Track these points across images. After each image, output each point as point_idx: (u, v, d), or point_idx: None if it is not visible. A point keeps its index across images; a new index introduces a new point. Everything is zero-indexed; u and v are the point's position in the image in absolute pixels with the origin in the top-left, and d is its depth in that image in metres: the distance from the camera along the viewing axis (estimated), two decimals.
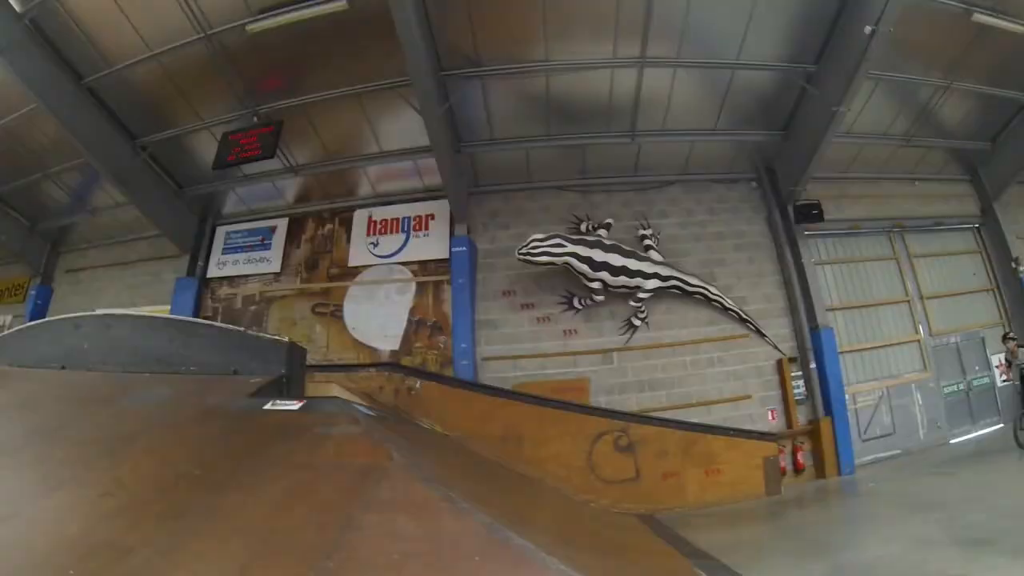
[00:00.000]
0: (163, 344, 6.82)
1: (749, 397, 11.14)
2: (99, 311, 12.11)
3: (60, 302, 16.68)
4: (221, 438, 4.66)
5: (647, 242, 11.67)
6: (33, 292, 17.26)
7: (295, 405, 5.47)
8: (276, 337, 6.67)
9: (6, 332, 9.52)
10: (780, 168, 12.21)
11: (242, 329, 6.85)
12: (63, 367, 8.19)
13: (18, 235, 16.90)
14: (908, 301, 12.80)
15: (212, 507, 3.12)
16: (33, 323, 9.17)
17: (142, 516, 3.13)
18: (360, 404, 8.14)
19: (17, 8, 10.60)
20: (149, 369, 7.17)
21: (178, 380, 6.37)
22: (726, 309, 11.47)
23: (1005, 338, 11.90)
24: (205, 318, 13.24)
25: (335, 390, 9.03)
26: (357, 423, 4.60)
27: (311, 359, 7.06)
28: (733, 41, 10.42)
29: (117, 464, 3.95)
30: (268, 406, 5.27)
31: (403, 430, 7.85)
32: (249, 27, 10.07)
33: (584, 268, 11.06)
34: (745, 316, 11.47)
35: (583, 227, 11.89)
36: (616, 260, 11.19)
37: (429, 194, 12.84)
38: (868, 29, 9.19)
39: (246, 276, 13.88)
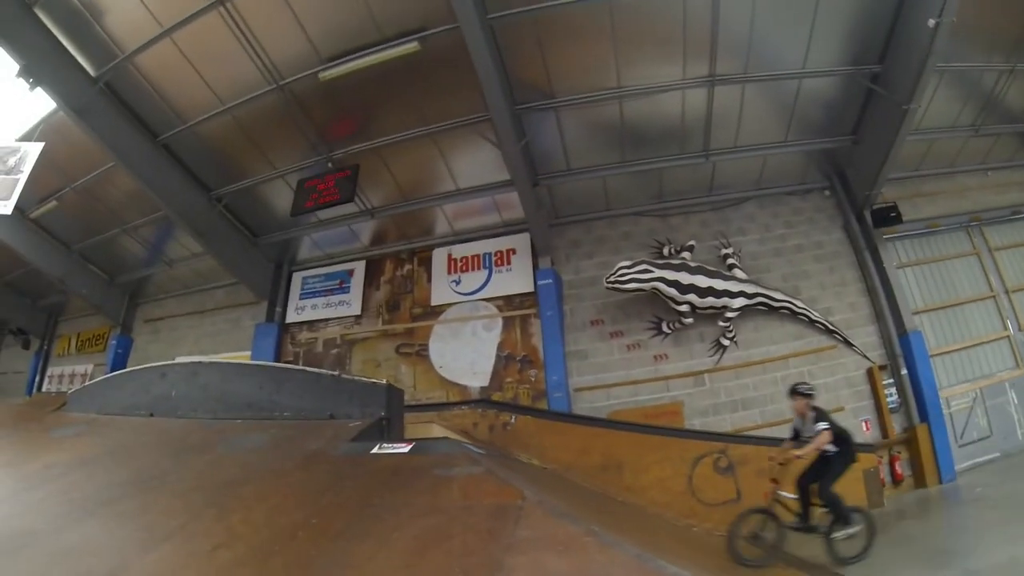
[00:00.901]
0: (253, 390, 6.63)
1: (842, 409, 10.54)
2: (180, 359, 12.14)
3: (140, 351, 16.98)
4: (332, 484, 4.75)
5: (730, 260, 11.27)
6: (114, 342, 17.61)
7: (404, 448, 5.24)
8: (374, 380, 6.44)
9: (92, 381, 9.42)
10: (852, 174, 11.69)
11: (337, 373, 6.62)
12: (151, 415, 8.06)
13: (98, 288, 17.36)
14: (994, 296, 12.10)
15: (341, 558, 3.06)
16: (119, 372, 9.02)
17: (265, 570, 3.11)
18: (469, 443, 7.91)
19: (92, 72, 10.75)
20: (240, 415, 6.98)
21: (273, 426, 6.16)
22: (812, 322, 10.99)
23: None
24: (287, 363, 13.09)
25: (436, 430, 8.81)
26: (477, 463, 4.67)
27: None
28: (797, 50, 10.00)
29: (225, 514, 4.07)
30: (375, 450, 5.29)
31: (509, 466, 7.59)
32: (322, 75, 9.96)
33: (672, 292, 10.73)
34: (832, 327, 10.96)
35: (665, 251, 11.57)
36: (702, 281, 10.84)
37: (509, 228, 12.67)
38: (932, 22, 8.63)
39: (326, 320, 13.85)
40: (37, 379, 20.56)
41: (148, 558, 3.78)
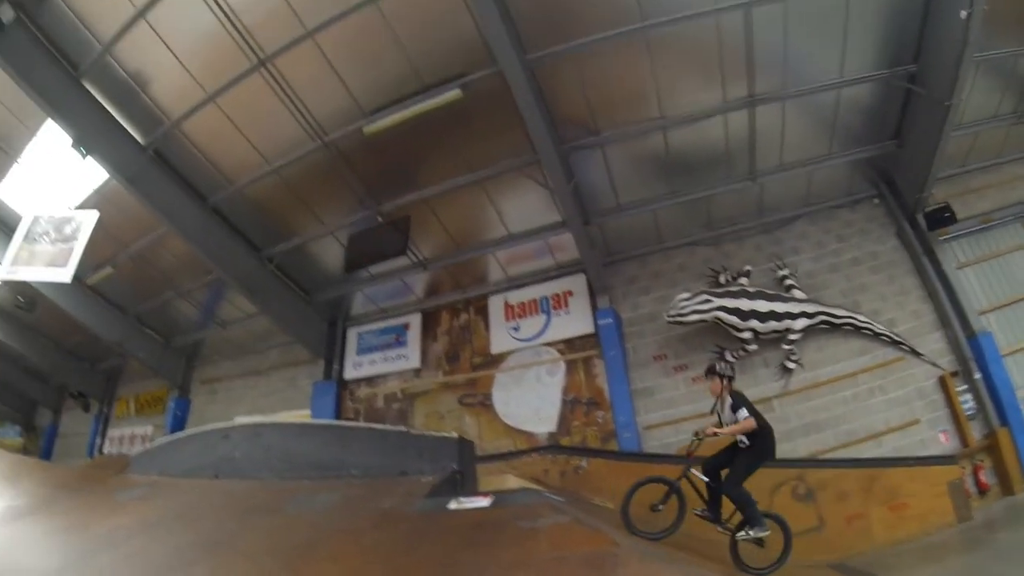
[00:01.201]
0: (319, 449, 6.50)
1: (917, 422, 10.14)
2: (239, 419, 12.14)
3: (198, 412, 17.09)
4: (411, 543, 4.74)
5: (788, 282, 10.97)
6: (172, 403, 17.76)
7: (484, 501, 5.22)
8: (444, 433, 6.27)
9: (154, 443, 9.38)
10: (900, 179, 11.35)
11: (405, 429, 6.46)
12: (215, 476, 7.96)
13: (154, 351, 17.56)
14: None
15: None
16: (181, 434, 8.97)
17: None
18: (547, 492, 7.69)
19: (141, 140, 10.96)
20: (306, 475, 6.86)
21: (342, 485, 6.01)
22: (877, 335, 10.59)
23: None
24: (347, 420, 13.03)
25: (511, 481, 8.60)
26: (562, 511, 4.58)
27: None
28: (832, 60, 9.78)
29: None
30: (453, 505, 5.25)
31: (590, 512, 7.36)
32: (366, 129, 9.96)
33: (733, 320, 10.49)
34: (897, 338, 10.56)
35: (722, 278, 11.31)
36: (762, 306, 10.57)
37: (563, 270, 12.56)
38: (964, 13, 8.29)
39: (385, 375, 13.83)
40: (98, 441, 20.74)
41: None
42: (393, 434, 6.75)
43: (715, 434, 6.28)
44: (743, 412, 6.33)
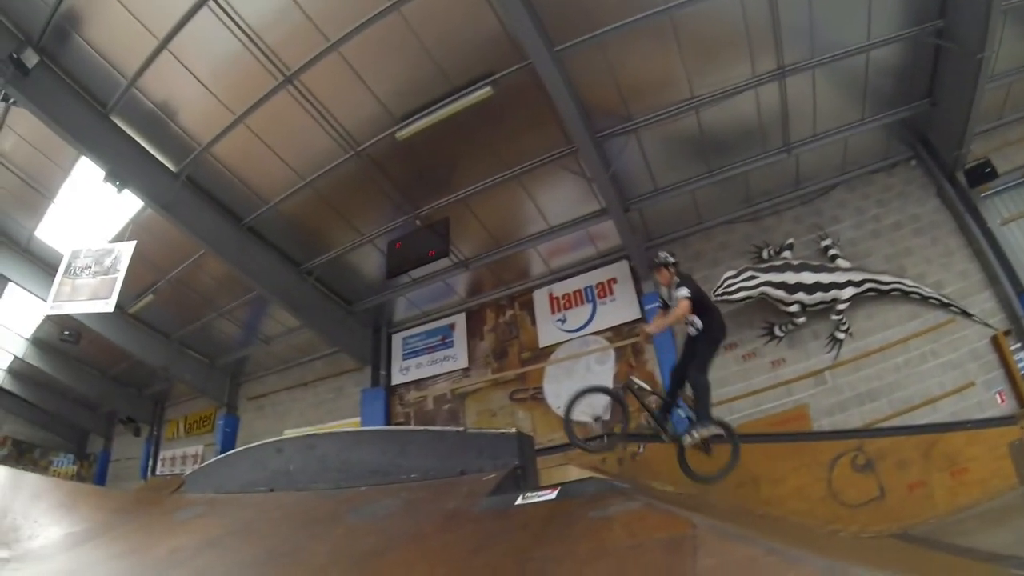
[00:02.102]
0: (375, 456, 6.26)
1: (972, 384, 9.73)
2: (289, 432, 12.06)
3: (247, 428, 17.24)
4: (482, 543, 4.37)
5: (831, 251, 10.64)
6: (221, 422, 17.98)
7: (551, 494, 4.76)
8: (502, 430, 6.05)
9: (207, 462, 9.28)
10: (935, 138, 10.89)
11: (462, 428, 6.24)
12: (271, 490, 7.80)
13: (200, 372, 17.74)
14: None
15: None
16: (233, 451, 8.82)
17: None
18: (614, 480, 7.47)
19: (172, 168, 10.93)
20: (364, 483, 6.62)
21: (402, 489, 5.69)
22: (925, 298, 10.22)
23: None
24: (397, 424, 12.91)
25: (573, 472, 8.35)
26: (632, 498, 4.22)
27: None
28: (859, 23, 9.37)
29: None
30: (519, 501, 4.81)
31: (655, 496, 7.11)
32: (398, 134, 9.78)
33: (780, 294, 10.19)
34: (946, 300, 10.17)
35: (765, 254, 11.02)
36: (808, 278, 10.24)
37: (605, 259, 12.36)
38: None
39: (433, 377, 13.72)
40: (150, 463, 21.03)
41: None
42: (450, 434, 6.53)
43: (649, 334, 5.97)
44: (682, 291, 6.04)
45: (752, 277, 10.26)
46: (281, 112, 9.81)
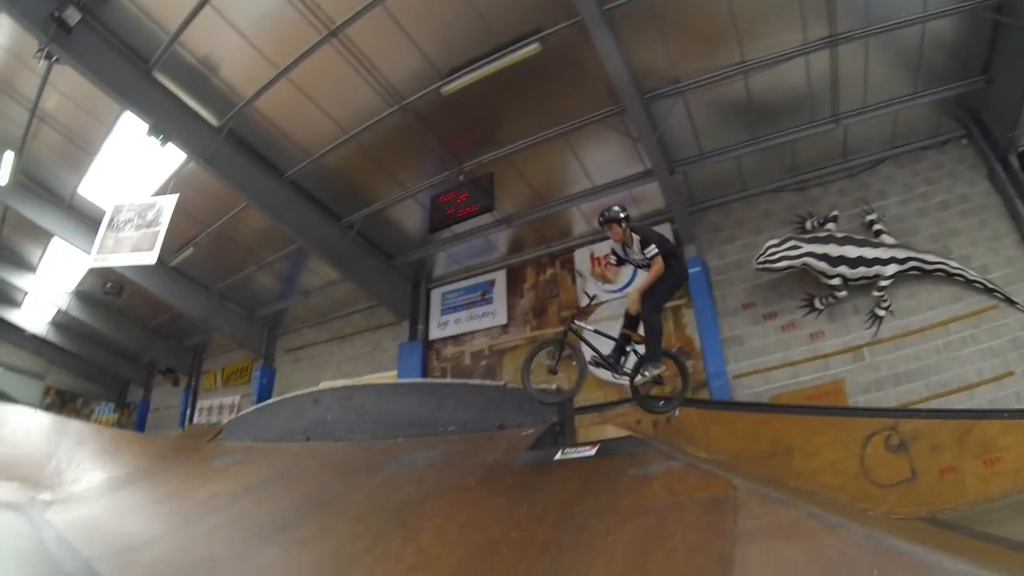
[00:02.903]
0: (413, 408, 6.15)
1: (1011, 374, 9.21)
2: (324, 384, 11.98)
3: (284, 380, 17.26)
4: (522, 495, 4.43)
5: (876, 227, 10.16)
6: (258, 373, 18.09)
7: (590, 450, 4.89)
8: (543, 386, 5.84)
9: (245, 411, 9.19)
10: (990, 117, 10.29)
11: (503, 383, 6.04)
12: (308, 439, 7.71)
13: (238, 324, 17.86)
14: None
15: (557, 570, 2.80)
16: (271, 400, 8.73)
17: None
18: (654, 441, 7.23)
19: (215, 122, 10.85)
20: (401, 434, 6.51)
21: (439, 442, 5.68)
22: (969, 282, 9.71)
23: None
24: (433, 378, 12.76)
25: (611, 431, 8.14)
26: (673, 458, 4.25)
27: None
28: None
29: (413, 534, 3.87)
30: (559, 456, 4.91)
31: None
32: (444, 89, 9.51)
33: (822, 265, 9.79)
34: (991, 285, 9.65)
35: (808, 224, 10.57)
36: (851, 251, 9.82)
37: (648, 221, 11.83)
38: None
39: (471, 333, 13.55)
40: (188, 413, 21.28)
41: None
42: (491, 389, 6.42)
43: (640, 293, 5.60)
44: (651, 249, 5.69)
45: (795, 247, 9.88)
46: (325, 66, 9.59)
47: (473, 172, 11.05)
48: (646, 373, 5.43)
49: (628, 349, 5.95)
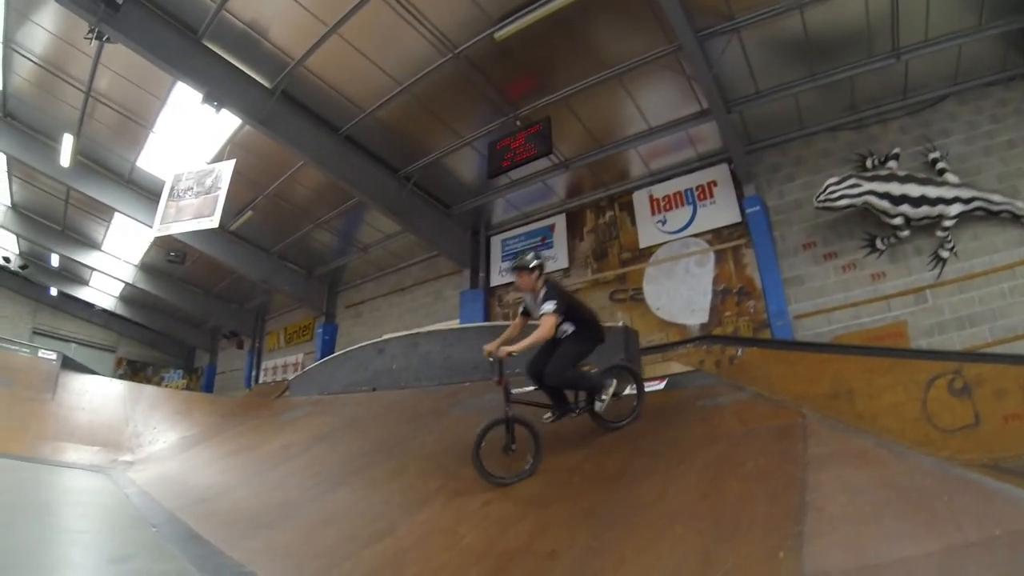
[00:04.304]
0: (478, 352, 5.86)
1: None
2: (387, 336, 11.90)
3: (345, 335, 17.33)
4: (593, 429, 4.46)
5: (939, 165, 9.47)
6: (320, 330, 18.21)
7: (659, 384, 4.88)
8: (608, 324, 5.48)
9: (310, 366, 9.08)
10: None
11: None
12: (373, 389, 7.59)
13: (298, 283, 17.97)
14: None
15: (629, 497, 2.78)
16: (336, 354, 8.58)
17: (547, 517, 2.92)
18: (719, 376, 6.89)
19: (267, 84, 10.68)
20: (466, 378, 6.37)
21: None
22: None
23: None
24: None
25: (675, 367, 7.83)
26: (741, 389, 4.29)
27: None
28: None
29: None
30: (628, 391, 4.75)
31: None
32: (497, 34, 9.04)
33: (884, 205, 9.21)
34: None
35: (868, 163, 9.94)
36: (914, 190, 9.20)
37: (704, 161, 11.55)
38: None
39: None
40: (253, 374, 21.59)
41: (415, 518, 3.56)
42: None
43: (510, 355, 4.53)
44: (547, 305, 4.73)
45: (855, 185, 9.31)
46: (375, 19, 9.24)
47: (529, 117, 10.67)
48: (603, 399, 4.70)
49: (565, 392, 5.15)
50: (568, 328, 4.83)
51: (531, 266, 4.95)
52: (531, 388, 4.99)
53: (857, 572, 1.78)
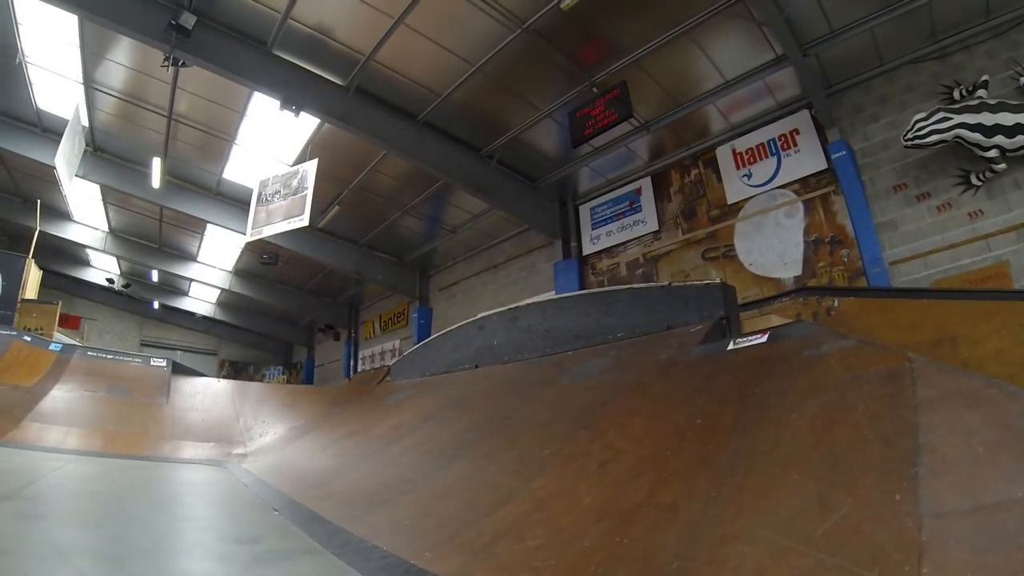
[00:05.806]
0: (580, 320, 5.89)
1: None
2: (485, 313, 11.85)
3: (440, 317, 17.49)
4: (701, 385, 4.05)
5: None
6: (415, 315, 18.49)
7: (762, 337, 4.39)
8: (707, 281, 5.27)
9: (410, 350, 9.10)
10: None
11: (666, 283, 5.57)
12: (476, 366, 7.44)
13: (389, 271, 18.30)
14: None
15: (744, 447, 2.67)
16: (435, 336, 8.57)
17: (666, 472, 2.81)
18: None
19: (341, 82, 10.86)
20: (569, 347, 6.09)
21: (610, 349, 5.41)
22: None
23: None
24: None
25: (775, 320, 7.52)
26: (844, 337, 3.70)
27: None
28: None
29: (599, 434, 3.72)
30: (731, 346, 4.37)
31: None
32: (563, 4, 8.79)
33: (977, 136, 8.50)
34: None
35: (956, 94, 9.15)
36: (1007, 119, 8.43)
37: (783, 110, 11.00)
38: None
39: (623, 243, 13.22)
40: (351, 363, 21.99)
41: (533, 484, 3.45)
42: (655, 290, 5.96)
43: None
44: None
45: (945, 119, 8.63)
46: (439, 5, 9.23)
47: (605, 83, 10.41)
48: None
49: None
50: None
51: None
52: None
53: (974, 512, 1.67)
